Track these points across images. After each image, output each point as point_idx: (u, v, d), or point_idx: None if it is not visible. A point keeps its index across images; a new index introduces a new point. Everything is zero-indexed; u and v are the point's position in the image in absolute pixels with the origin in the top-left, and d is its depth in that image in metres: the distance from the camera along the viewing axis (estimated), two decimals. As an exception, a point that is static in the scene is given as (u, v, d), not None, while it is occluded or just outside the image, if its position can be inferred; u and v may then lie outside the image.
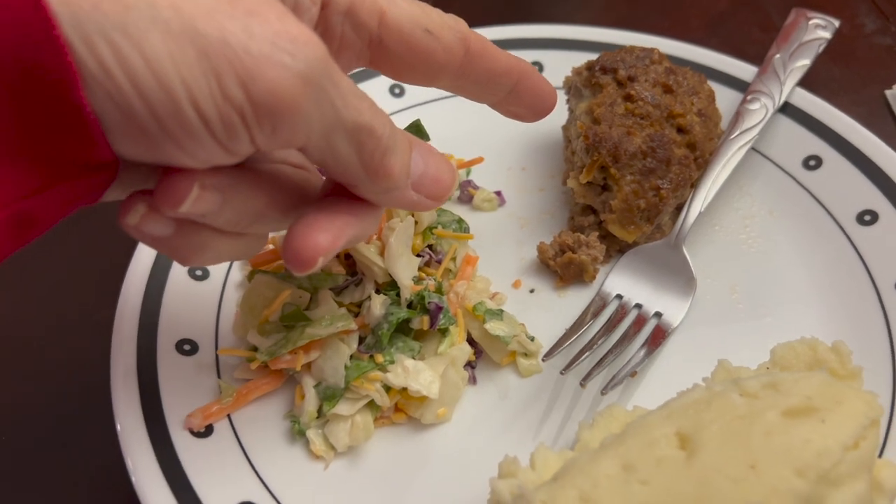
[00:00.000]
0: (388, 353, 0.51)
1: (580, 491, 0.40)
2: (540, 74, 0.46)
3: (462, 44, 0.41)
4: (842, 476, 0.40)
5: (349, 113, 0.32)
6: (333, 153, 0.34)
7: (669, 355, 0.54)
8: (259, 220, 0.37)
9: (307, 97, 0.30)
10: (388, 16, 0.39)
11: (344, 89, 0.32)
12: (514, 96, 0.45)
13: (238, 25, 0.28)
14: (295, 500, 0.47)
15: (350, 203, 0.38)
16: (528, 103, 0.46)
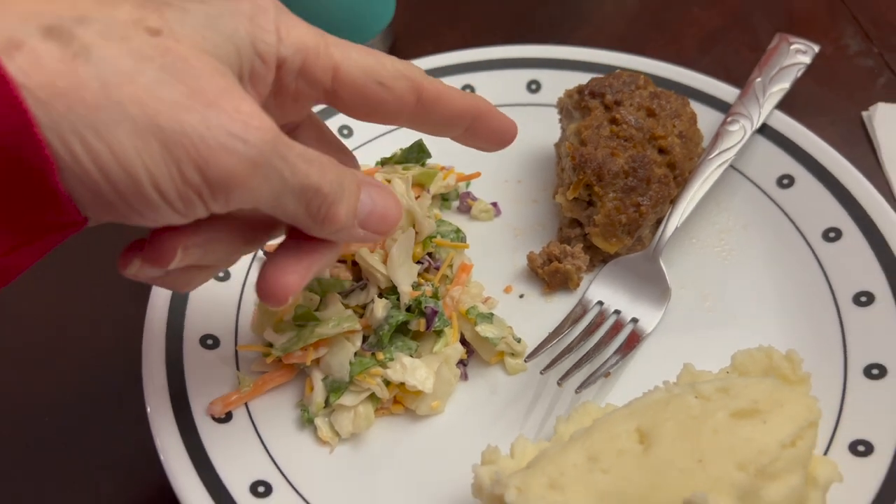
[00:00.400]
0: (388, 352, 0.58)
1: (549, 478, 0.46)
2: (497, 112, 0.49)
3: (414, 93, 0.44)
4: (778, 471, 0.45)
5: (297, 179, 0.37)
6: (283, 211, 0.39)
7: (642, 358, 0.60)
8: (237, 254, 0.44)
9: (256, 176, 0.35)
10: (342, 71, 0.42)
11: (292, 160, 0.37)
12: (470, 133, 0.49)
13: (196, 118, 0.33)
14: (303, 479, 0.54)
15: (311, 242, 0.43)
16: (485, 139, 0.50)
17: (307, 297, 0.58)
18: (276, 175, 0.36)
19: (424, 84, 0.44)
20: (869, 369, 0.56)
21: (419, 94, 0.44)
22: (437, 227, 0.65)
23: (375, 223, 0.43)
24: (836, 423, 0.55)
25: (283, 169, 0.36)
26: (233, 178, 0.34)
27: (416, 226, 0.62)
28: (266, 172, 0.35)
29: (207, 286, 0.62)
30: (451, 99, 0.46)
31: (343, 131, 0.74)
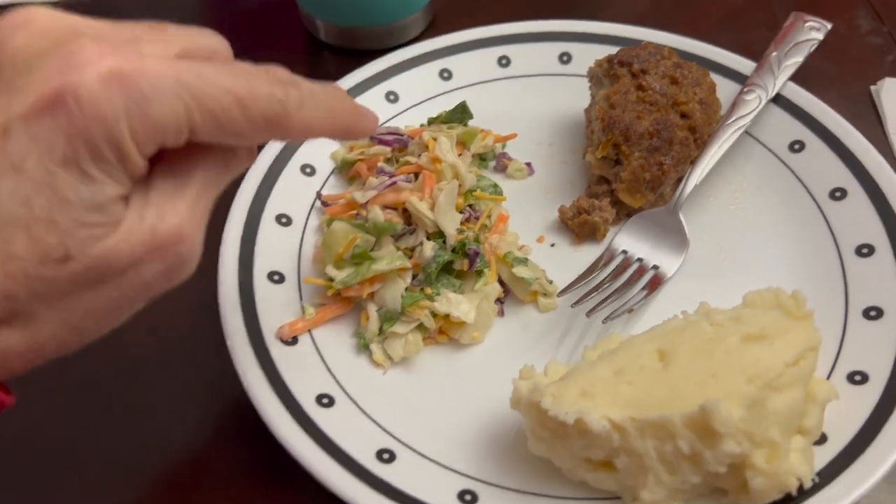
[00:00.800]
0: (435, 287, 0.65)
1: (580, 388, 0.53)
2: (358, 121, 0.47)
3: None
4: (782, 385, 0.52)
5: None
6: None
7: (662, 299, 0.67)
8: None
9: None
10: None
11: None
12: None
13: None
14: (361, 395, 0.61)
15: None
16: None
17: (364, 239, 0.65)
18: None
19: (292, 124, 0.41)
20: (867, 311, 0.63)
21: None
22: (477, 182, 0.72)
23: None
24: (836, 356, 0.61)
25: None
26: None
27: (460, 179, 0.69)
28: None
29: (272, 230, 0.69)
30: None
31: (390, 97, 0.81)
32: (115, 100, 0.34)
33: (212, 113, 0.37)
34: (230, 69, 0.38)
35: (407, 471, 0.56)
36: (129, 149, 0.36)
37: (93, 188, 0.36)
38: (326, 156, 0.77)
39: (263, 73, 0.40)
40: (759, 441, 0.50)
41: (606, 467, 0.53)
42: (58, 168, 0.35)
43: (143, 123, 0.35)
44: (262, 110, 0.39)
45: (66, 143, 0.34)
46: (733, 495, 0.52)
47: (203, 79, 0.37)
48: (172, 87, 0.36)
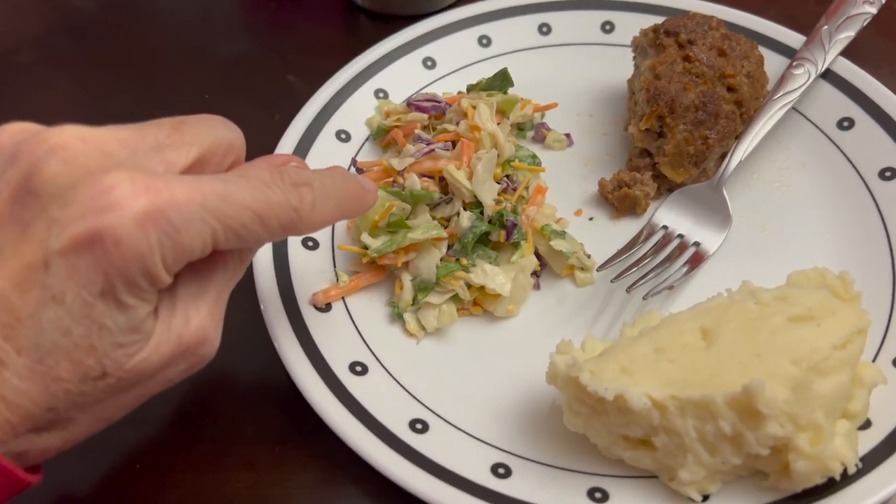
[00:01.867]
0: (470, 258, 0.64)
1: (620, 364, 0.52)
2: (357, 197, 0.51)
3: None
4: (829, 368, 0.50)
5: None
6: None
7: (703, 277, 0.65)
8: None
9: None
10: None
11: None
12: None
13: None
14: (394, 364, 0.60)
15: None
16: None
17: (400, 207, 0.64)
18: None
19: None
20: (916, 296, 0.61)
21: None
22: (515, 152, 0.71)
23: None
24: (882, 340, 0.60)
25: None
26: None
27: (498, 148, 0.68)
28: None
29: (306, 195, 0.68)
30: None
31: (427, 62, 0.80)
32: (149, 238, 0.37)
33: (234, 230, 0.41)
34: (249, 183, 0.41)
35: (440, 442, 0.55)
36: (161, 275, 0.39)
37: (128, 314, 0.39)
38: (362, 122, 0.76)
39: (279, 180, 0.43)
40: (804, 424, 0.49)
41: (644, 445, 0.52)
42: (95, 300, 0.37)
43: (174, 251, 0.38)
44: (279, 220, 0.43)
45: (104, 278, 0.37)
46: (774, 478, 0.51)
47: (226, 201, 0.40)
48: (199, 214, 0.39)
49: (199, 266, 0.43)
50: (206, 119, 0.45)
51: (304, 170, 0.46)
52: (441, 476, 0.52)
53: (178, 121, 0.44)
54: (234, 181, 0.41)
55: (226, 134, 0.45)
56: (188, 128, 0.43)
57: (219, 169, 0.45)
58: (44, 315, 0.37)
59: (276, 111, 0.80)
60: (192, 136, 0.43)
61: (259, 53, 0.89)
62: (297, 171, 0.45)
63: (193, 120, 0.44)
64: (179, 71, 0.87)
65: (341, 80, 0.76)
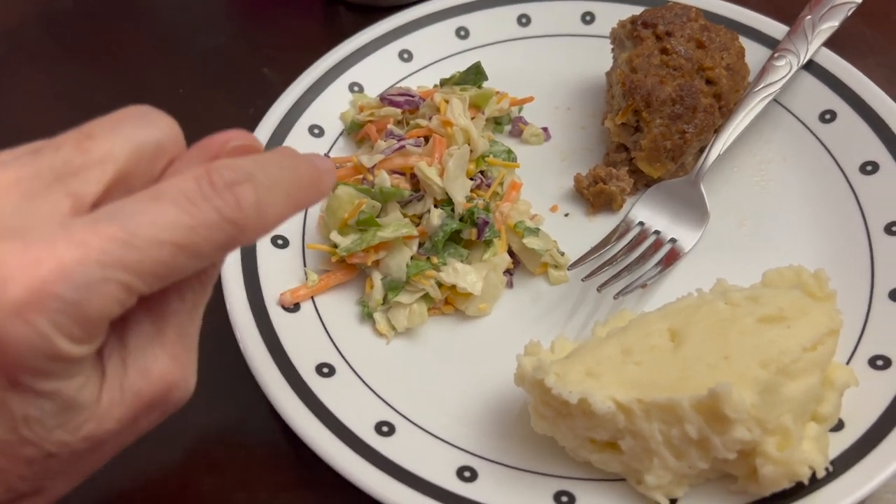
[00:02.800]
0: (441, 257, 0.63)
1: (586, 367, 0.51)
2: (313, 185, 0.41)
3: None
4: (798, 371, 0.50)
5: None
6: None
7: (678, 275, 0.64)
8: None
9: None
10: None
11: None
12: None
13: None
14: (361, 365, 0.59)
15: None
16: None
17: (370, 205, 0.63)
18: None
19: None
20: (894, 293, 0.60)
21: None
22: (489, 148, 0.69)
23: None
24: (858, 339, 0.59)
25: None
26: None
27: (471, 144, 0.67)
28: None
29: (277, 192, 0.67)
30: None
31: (404, 55, 0.78)
32: (37, 326, 0.31)
33: (153, 274, 0.34)
34: (162, 209, 0.34)
35: (406, 445, 0.54)
36: (72, 352, 0.32)
37: (52, 398, 0.33)
38: (336, 116, 0.74)
39: (207, 188, 0.35)
40: (771, 428, 0.48)
41: (612, 448, 0.51)
42: (5, 394, 0.32)
43: (79, 324, 0.32)
44: (211, 242, 0.35)
45: (4, 375, 0.32)
46: (742, 482, 0.51)
47: (131, 245, 0.33)
48: (99, 274, 0.32)
49: (150, 302, 0.37)
50: (121, 121, 0.37)
51: (241, 160, 0.37)
52: (404, 480, 0.52)
53: (85, 134, 0.36)
54: (142, 209, 0.34)
55: (149, 136, 0.37)
56: (97, 143, 0.35)
57: (149, 178, 0.38)
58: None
59: (250, 105, 0.79)
60: (103, 152, 0.35)
61: (236, 47, 0.87)
62: (232, 166, 0.36)
63: (104, 128, 0.36)
64: (155, 65, 0.85)
65: (315, 74, 0.75)
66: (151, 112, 0.39)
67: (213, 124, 0.44)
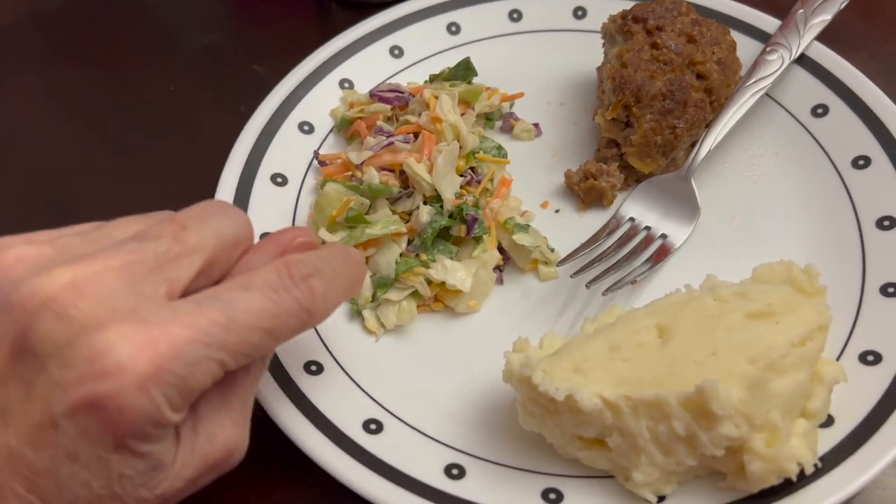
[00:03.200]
0: (430, 254, 0.62)
1: (573, 363, 0.51)
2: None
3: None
4: (786, 367, 0.49)
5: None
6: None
7: (669, 271, 0.64)
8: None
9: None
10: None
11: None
12: None
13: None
14: (350, 362, 0.59)
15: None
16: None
17: (359, 202, 0.63)
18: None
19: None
20: (885, 287, 0.60)
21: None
22: (479, 144, 0.69)
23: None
24: (849, 334, 0.58)
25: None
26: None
27: (461, 140, 0.66)
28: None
29: (267, 191, 0.67)
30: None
31: (394, 51, 0.78)
32: (153, 397, 0.36)
33: (244, 353, 0.40)
34: (253, 297, 0.40)
35: (394, 442, 0.54)
36: (172, 419, 0.38)
37: (145, 460, 0.38)
38: (326, 113, 0.74)
39: (287, 281, 0.41)
40: (759, 424, 0.48)
41: (599, 445, 0.51)
42: (109, 454, 0.37)
43: (182, 395, 0.38)
44: (290, 327, 0.42)
45: (114, 438, 0.37)
46: (731, 478, 0.50)
47: (230, 329, 0.39)
48: (204, 353, 0.38)
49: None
50: (208, 215, 0.43)
51: (309, 255, 0.44)
52: (392, 478, 0.52)
53: (179, 226, 0.42)
54: (237, 297, 0.40)
55: (231, 229, 0.44)
56: (190, 234, 0.42)
57: (226, 266, 0.44)
58: (61, 471, 0.37)
59: (241, 103, 0.79)
60: (194, 243, 0.42)
61: (227, 45, 0.87)
62: (304, 261, 0.43)
63: (195, 220, 0.43)
64: (146, 64, 0.85)
65: (305, 71, 0.75)
66: (230, 207, 0.46)
67: (204, 123, 0.45)
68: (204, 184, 0.68)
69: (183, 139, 0.77)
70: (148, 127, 0.79)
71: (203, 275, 0.42)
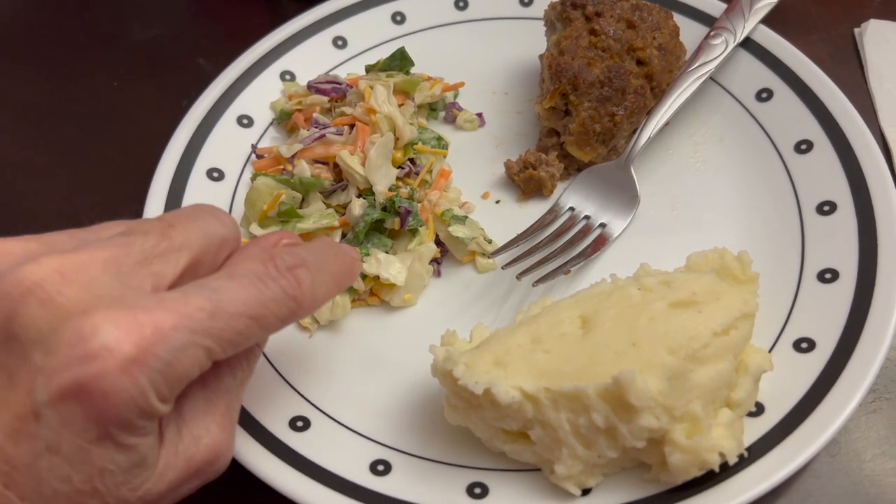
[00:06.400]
0: (364, 247, 0.62)
1: (495, 356, 0.50)
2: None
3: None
4: (708, 356, 0.49)
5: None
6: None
7: (607, 260, 0.63)
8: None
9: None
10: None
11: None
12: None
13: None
14: (280, 359, 0.59)
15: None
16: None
17: (290, 196, 0.62)
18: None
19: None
20: (822, 274, 0.59)
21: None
22: (419, 135, 0.68)
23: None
24: (784, 322, 0.58)
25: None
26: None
27: (397, 132, 0.66)
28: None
29: (202, 185, 0.66)
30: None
31: (338, 42, 0.77)
32: (139, 382, 0.36)
33: (230, 341, 0.39)
34: (239, 284, 0.40)
35: (320, 439, 0.54)
36: (158, 409, 0.37)
37: (128, 453, 0.37)
38: (266, 106, 0.73)
39: (272, 270, 0.41)
40: (679, 415, 0.47)
41: (524, 438, 0.51)
42: (91, 446, 0.36)
43: (168, 383, 0.37)
44: (277, 315, 0.41)
45: (97, 426, 0.36)
46: (655, 470, 0.50)
47: (216, 315, 0.38)
48: (189, 339, 0.37)
49: (206, 376, 0.42)
50: (196, 215, 0.43)
51: (296, 248, 0.44)
52: (314, 476, 0.51)
53: (167, 224, 0.42)
54: (223, 285, 0.39)
55: (218, 230, 0.44)
56: (177, 231, 0.41)
57: (213, 266, 0.43)
58: (40, 464, 0.36)
59: (184, 97, 0.78)
60: (181, 240, 0.41)
61: (172, 38, 0.86)
62: (290, 252, 0.43)
63: (183, 219, 0.42)
64: (88, 58, 0.84)
65: (245, 63, 0.74)
66: (219, 210, 0.45)
67: (146, 118, 0.44)
68: (143, 181, 0.67)
69: (124, 136, 0.77)
70: (88, 123, 0.78)
71: (189, 273, 0.42)
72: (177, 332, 0.37)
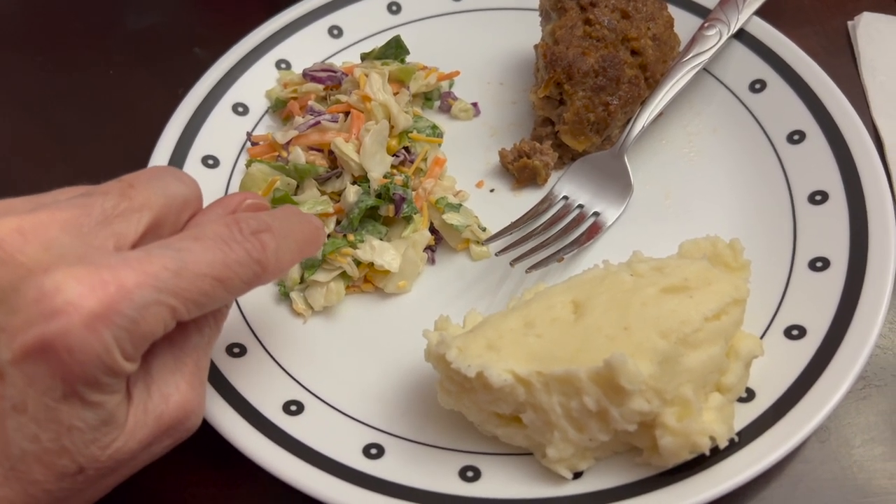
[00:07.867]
0: (359, 234, 0.62)
1: (488, 340, 0.50)
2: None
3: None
4: (699, 341, 0.49)
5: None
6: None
7: (600, 248, 0.63)
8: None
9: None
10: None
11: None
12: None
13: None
14: (275, 344, 0.59)
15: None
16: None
17: (285, 182, 0.62)
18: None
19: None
20: (814, 262, 0.59)
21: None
22: (414, 123, 0.68)
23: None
24: (776, 309, 0.58)
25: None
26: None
27: (392, 119, 0.66)
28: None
29: (198, 172, 0.67)
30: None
31: (333, 31, 0.77)
32: (103, 338, 0.35)
33: (195, 301, 0.39)
34: (204, 246, 0.40)
35: (313, 423, 0.54)
36: (124, 367, 0.37)
37: (96, 411, 0.37)
38: (262, 94, 0.73)
39: (236, 233, 0.41)
40: (670, 399, 0.47)
41: (516, 422, 0.51)
42: (58, 404, 0.36)
43: (133, 341, 0.37)
44: (241, 278, 0.41)
45: (63, 384, 0.35)
46: (646, 454, 0.50)
47: (180, 274, 0.38)
48: (154, 297, 0.37)
49: (173, 335, 0.42)
50: (157, 176, 0.43)
51: (261, 214, 0.44)
52: (307, 459, 0.51)
53: (127, 184, 0.42)
54: (188, 247, 0.39)
55: (179, 190, 0.44)
56: (137, 191, 0.41)
57: (175, 227, 0.43)
58: (7, 424, 0.36)
59: (180, 85, 0.78)
60: (142, 200, 0.41)
61: (168, 26, 0.86)
62: (255, 217, 0.43)
63: (143, 180, 0.42)
64: (85, 47, 0.84)
65: (241, 52, 0.74)
66: (179, 171, 0.46)
67: (142, 106, 0.44)
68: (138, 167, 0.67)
69: (120, 122, 0.77)
70: (85, 110, 0.78)
71: (151, 234, 0.41)
72: (141, 290, 0.36)
